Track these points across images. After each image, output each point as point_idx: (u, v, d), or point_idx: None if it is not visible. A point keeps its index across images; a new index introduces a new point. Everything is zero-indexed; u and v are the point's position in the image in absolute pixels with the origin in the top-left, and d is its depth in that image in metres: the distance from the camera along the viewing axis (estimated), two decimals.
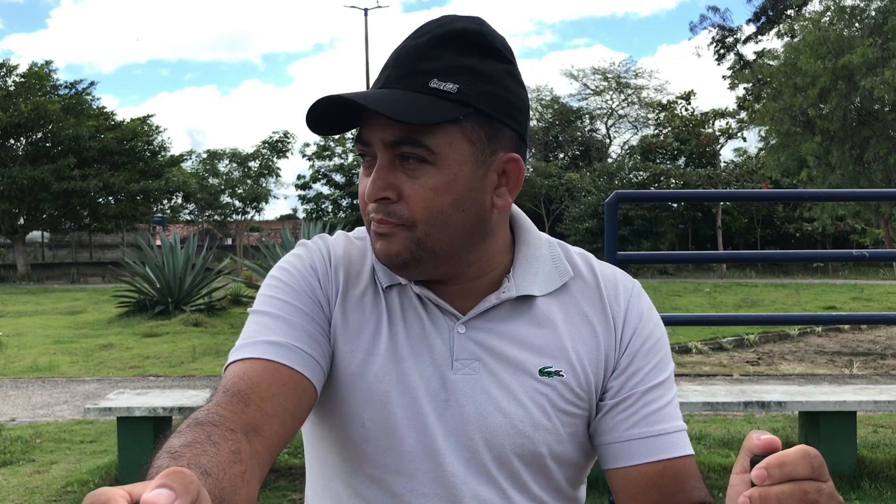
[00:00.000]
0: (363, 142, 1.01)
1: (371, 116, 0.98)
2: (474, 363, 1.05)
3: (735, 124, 32.40)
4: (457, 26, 1.00)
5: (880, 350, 11.42)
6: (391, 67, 1.00)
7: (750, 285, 22.54)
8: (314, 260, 1.10)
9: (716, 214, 32.70)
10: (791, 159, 12.14)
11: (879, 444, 5.83)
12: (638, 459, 1.04)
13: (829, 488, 0.69)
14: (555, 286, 1.10)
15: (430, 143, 0.97)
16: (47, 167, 28.08)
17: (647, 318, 1.11)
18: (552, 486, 1.09)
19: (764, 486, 0.68)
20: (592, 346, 1.08)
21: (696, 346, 11.31)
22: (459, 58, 0.98)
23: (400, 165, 0.99)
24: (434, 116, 0.95)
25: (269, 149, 35.40)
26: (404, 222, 0.99)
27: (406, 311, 1.07)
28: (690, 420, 6.65)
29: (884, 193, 6.67)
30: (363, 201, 1.03)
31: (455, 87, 0.97)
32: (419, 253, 1.01)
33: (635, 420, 1.05)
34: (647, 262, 5.82)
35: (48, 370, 9.80)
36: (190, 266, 15.39)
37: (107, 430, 6.50)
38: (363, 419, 1.04)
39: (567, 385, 1.06)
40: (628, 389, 1.07)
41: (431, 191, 0.98)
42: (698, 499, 1.03)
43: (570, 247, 1.17)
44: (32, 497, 4.94)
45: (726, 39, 34.81)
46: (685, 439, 1.06)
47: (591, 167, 36.35)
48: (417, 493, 1.04)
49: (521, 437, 1.04)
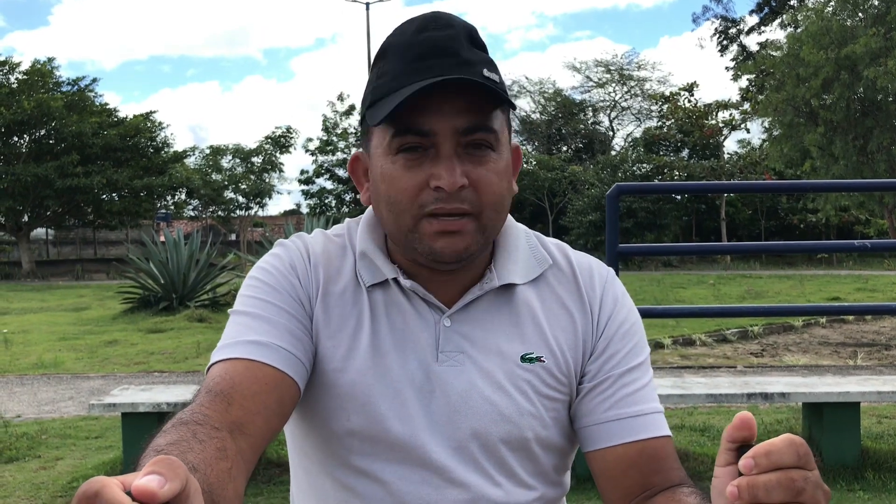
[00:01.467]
0: (419, 132, 0.99)
1: (435, 105, 0.97)
2: (459, 355, 1.07)
3: (738, 116, 32.35)
4: (464, 23, 1.03)
5: (885, 341, 11.40)
6: (433, 57, 0.98)
7: (754, 277, 22.52)
8: (293, 259, 1.11)
9: (720, 206, 32.65)
10: (794, 150, 12.12)
11: (883, 435, 5.83)
12: (616, 440, 1.06)
13: (815, 476, 0.69)
14: (534, 275, 1.13)
15: (497, 128, 1.01)
16: (51, 164, 28.16)
17: (621, 303, 1.14)
18: (539, 472, 1.11)
19: (751, 475, 0.68)
20: (570, 332, 1.11)
21: (700, 338, 11.31)
22: (481, 52, 1.02)
23: (463, 153, 0.99)
24: (509, 100, 1.01)
25: (271, 144, 35.43)
26: (473, 210, 1.00)
27: (389, 307, 1.08)
28: (694, 412, 6.65)
29: (887, 184, 6.67)
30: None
31: (497, 77, 1.01)
32: (481, 242, 1.03)
33: (613, 402, 1.08)
34: (648, 255, 5.80)
35: (53, 367, 9.84)
36: (194, 262, 15.43)
37: (112, 426, 6.52)
38: (348, 413, 1.06)
39: (548, 370, 1.08)
40: (605, 372, 1.09)
41: (496, 175, 1.01)
42: (677, 479, 1.04)
43: (544, 237, 1.20)
44: (38, 493, 4.97)
45: (729, 30, 34.72)
46: (662, 420, 1.08)
47: (594, 160, 36.31)
48: (406, 480, 1.06)
49: (508, 424, 1.06)
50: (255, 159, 35.16)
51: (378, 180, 1.04)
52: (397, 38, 1.03)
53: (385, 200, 1.03)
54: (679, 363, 9.63)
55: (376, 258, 1.10)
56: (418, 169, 0.99)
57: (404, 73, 0.98)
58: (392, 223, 1.04)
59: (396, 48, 1.02)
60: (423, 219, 1.00)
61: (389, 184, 1.01)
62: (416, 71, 0.98)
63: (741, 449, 0.71)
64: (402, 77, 0.98)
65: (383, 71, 1.02)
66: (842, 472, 5.01)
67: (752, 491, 0.68)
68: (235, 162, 35.03)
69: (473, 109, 0.98)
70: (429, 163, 0.99)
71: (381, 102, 1.01)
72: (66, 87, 30.90)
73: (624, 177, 32.02)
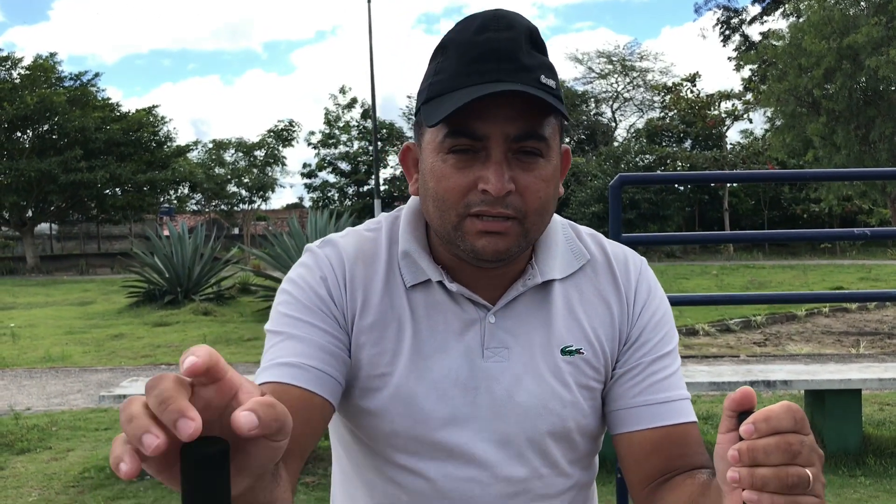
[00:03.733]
0: (472, 136, 1.00)
1: (489, 110, 0.98)
2: (504, 350, 1.10)
3: (741, 106, 32.30)
4: (526, 23, 1.03)
5: (888, 329, 11.44)
6: (492, 61, 0.99)
7: (757, 267, 22.54)
8: (324, 270, 1.11)
9: (722, 197, 32.63)
10: (797, 140, 12.12)
11: (885, 422, 5.88)
12: (643, 424, 1.10)
13: (810, 441, 0.74)
14: (572, 269, 1.16)
15: (548, 136, 1.02)
16: (54, 159, 28.22)
17: (654, 293, 1.18)
18: (577, 459, 1.16)
19: (752, 439, 0.73)
20: (608, 322, 1.14)
21: (703, 328, 11.35)
22: (541, 56, 1.03)
23: (513, 158, 1.01)
24: (565, 110, 1.01)
25: (274, 138, 35.44)
26: (517, 215, 1.01)
27: (430, 308, 1.11)
28: (697, 400, 6.70)
29: (889, 172, 6.69)
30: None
31: (554, 83, 1.02)
32: (524, 245, 1.05)
33: (642, 388, 1.12)
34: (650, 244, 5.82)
35: (61, 360, 9.91)
36: (198, 256, 15.49)
37: None
38: (392, 416, 1.09)
39: (587, 361, 1.12)
40: (636, 360, 1.13)
41: (543, 182, 1.03)
42: (699, 463, 1.08)
43: (579, 227, 1.22)
44: (51, 483, 5.04)
45: (731, 20, 34.64)
46: (688, 407, 1.12)
47: (597, 151, 36.27)
48: (451, 477, 1.09)
49: (552, 416, 1.10)
50: (257, 153, 35.18)
51: (427, 176, 1.05)
52: (458, 35, 1.03)
53: (433, 196, 1.04)
54: (682, 353, 9.67)
55: (420, 259, 1.11)
56: (468, 170, 1.01)
57: (462, 74, 1.00)
58: (437, 218, 1.05)
59: (456, 46, 1.02)
60: (468, 218, 1.02)
61: (438, 181, 1.03)
62: (473, 73, 0.99)
63: (741, 416, 0.76)
64: (460, 78, 1.00)
65: (441, 68, 1.03)
66: (843, 459, 5.06)
67: (751, 454, 0.73)
68: (238, 156, 35.06)
69: (526, 116, 0.99)
70: (479, 165, 1.00)
71: (436, 101, 1.02)
72: (68, 83, 30.96)
73: (627, 168, 32.00)
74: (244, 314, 13.80)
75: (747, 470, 0.74)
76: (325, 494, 4.60)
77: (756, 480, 0.73)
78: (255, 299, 14.78)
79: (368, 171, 37.71)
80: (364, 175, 38.78)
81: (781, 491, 0.73)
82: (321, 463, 5.05)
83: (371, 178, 36.90)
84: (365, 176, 38.65)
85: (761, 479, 0.73)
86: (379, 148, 32.20)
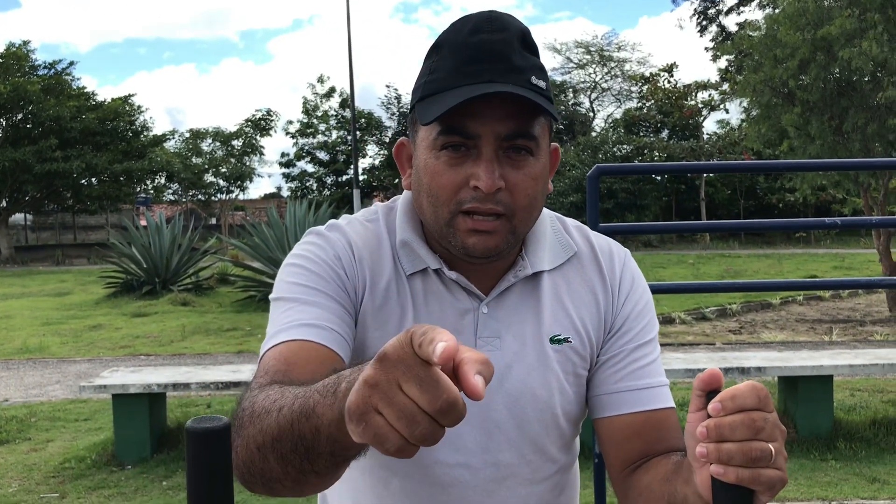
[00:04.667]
0: (464, 134, 1.04)
1: (481, 109, 1.02)
2: (496, 340, 1.15)
3: (717, 96, 32.52)
4: (519, 25, 1.07)
5: (859, 317, 11.63)
6: (484, 62, 1.03)
7: (733, 256, 22.78)
8: (337, 251, 1.14)
9: (699, 186, 32.88)
10: (772, 130, 12.23)
11: (856, 407, 6.00)
12: (624, 409, 1.15)
13: (774, 418, 0.80)
14: (560, 261, 1.21)
15: (537, 135, 1.07)
16: (28, 149, 27.87)
17: (637, 283, 1.24)
18: (562, 444, 1.21)
19: (718, 417, 0.79)
20: (594, 312, 1.20)
21: (679, 316, 11.49)
22: (533, 57, 1.07)
23: (504, 156, 1.05)
24: (555, 111, 1.06)
25: (251, 127, 35.21)
26: (507, 211, 1.06)
27: (428, 296, 1.15)
28: (673, 388, 6.79)
29: (862, 163, 6.79)
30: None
31: (545, 84, 1.07)
32: (512, 241, 1.10)
33: (624, 374, 1.17)
34: (628, 234, 5.90)
35: (39, 351, 9.86)
36: (176, 246, 15.41)
37: (100, 409, 6.58)
38: None
39: (575, 350, 1.18)
40: (619, 347, 1.19)
41: (532, 179, 1.07)
42: (676, 447, 1.13)
43: (566, 220, 1.27)
44: (31, 473, 5.03)
45: (708, 11, 34.74)
46: (668, 393, 1.18)
47: (575, 141, 36.37)
48: (440, 462, 1.13)
49: (541, 403, 1.15)
50: (235, 142, 34.93)
51: (421, 172, 1.09)
52: (452, 35, 1.07)
53: (426, 192, 1.08)
54: (659, 340, 9.77)
55: (419, 248, 1.15)
56: (460, 167, 1.05)
57: (456, 74, 1.04)
58: (430, 214, 1.09)
59: (451, 46, 1.06)
60: (459, 215, 1.06)
61: (432, 177, 1.07)
62: (467, 74, 1.03)
63: (709, 395, 0.81)
64: (454, 77, 1.04)
65: (436, 67, 1.07)
66: (815, 443, 5.18)
67: (718, 431, 0.78)
68: (215, 145, 34.79)
69: (517, 116, 1.04)
70: (470, 162, 1.05)
71: (430, 99, 1.06)
72: (42, 71, 30.52)
73: (604, 158, 32.13)
74: (223, 304, 13.77)
75: (714, 445, 0.79)
76: None
77: (722, 455, 0.78)
78: (233, 289, 14.74)
79: (347, 160, 37.55)
80: (343, 165, 38.63)
81: (746, 464, 0.78)
82: None
83: (350, 168, 36.77)
84: (344, 166, 38.50)
85: (727, 454, 0.78)
86: (358, 137, 32.09)
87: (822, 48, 10.65)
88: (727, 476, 0.78)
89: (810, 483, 4.59)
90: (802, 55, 10.68)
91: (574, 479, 1.28)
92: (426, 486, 1.14)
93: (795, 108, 11.04)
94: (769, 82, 11.35)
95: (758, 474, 0.78)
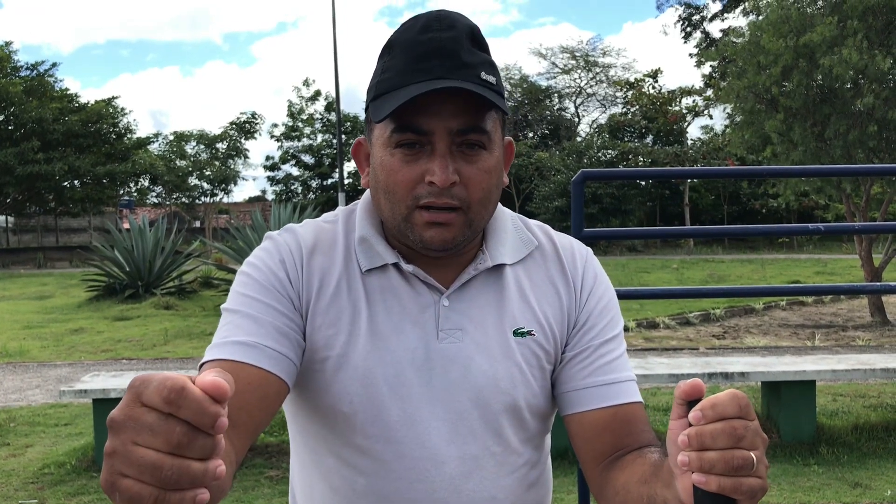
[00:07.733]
0: (417, 131, 1.06)
1: (433, 106, 1.05)
2: (458, 332, 1.15)
3: (701, 102, 32.75)
4: (467, 22, 1.09)
5: (842, 322, 11.71)
6: (434, 59, 1.05)
7: (717, 261, 22.91)
8: (282, 253, 1.16)
9: (683, 192, 33.07)
10: (755, 137, 12.30)
11: (838, 412, 6.03)
12: (593, 405, 1.16)
13: (755, 426, 0.79)
14: (521, 255, 1.22)
15: (489, 129, 1.08)
16: (10, 150, 27.63)
17: (599, 280, 1.25)
18: (528, 438, 1.20)
19: (700, 425, 0.78)
20: (557, 307, 1.20)
21: (663, 321, 11.52)
22: (482, 53, 1.09)
23: (457, 151, 1.07)
24: (505, 105, 1.08)
25: (236, 130, 35.10)
26: (462, 205, 1.08)
27: (385, 291, 1.15)
28: (657, 392, 6.82)
29: (844, 169, 6.85)
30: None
31: (495, 79, 1.09)
32: (468, 234, 1.11)
33: (591, 370, 1.18)
34: (613, 239, 5.94)
35: (19, 355, 9.75)
36: (159, 249, 15.32)
37: (81, 413, 6.52)
38: (350, 396, 1.12)
39: (538, 343, 1.18)
40: (585, 343, 1.19)
41: (486, 173, 1.09)
42: (647, 441, 1.14)
43: (527, 219, 1.29)
44: (10, 479, 4.97)
45: (692, 17, 34.99)
46: (635, 388, 1.19)
47: (560, 146, 36.50)
48: (405, 457, 1.13)
49: (504, 395, 1.15)
50: (219, 145, 34.82)
51: (378, 169, 1.11)
52: (403, 34, 1.09)
53: (383, 189, 1.10)
54: (643, 346, 9.82)
55: (377, 244, 1.16)
56: (415, 164, 1.07)
57: (407, 72, 1.06)
58: (388, 210, 1.11)
59: (402, 45, 1.08)
60: (416, 210, 1.08)
61: (388, 174, 1.09)
62: (418, 71, 1.05)
63: (690, 404, 0.80)
64: (405, 75, 1.06)
65: (388, 66, 1.09)
66: (798, 448, 5.20)
67: (700, 439, 0.78)
68: (200, 148, 34.66)
69: (467, 112, 1.06)
70: (425, 158, 1.07)
71: (384, 98, 1.07)
72: (24, 72, 30.29)
73: (589, 163, 32.27)
74: (206, 308, 13.69)
75: (696, 454, 0.78)
76: (288, 488, 4.61)
77: (704, 463, 0.78)
78: (217, 293, 14.65)
79: (332, 164, 37.50)
80: (328, 168, 38.58)
81: (727, 472, 0.77)
82: (285, 457, 5.05)
83: (335, 171, 36.72)
84: (329, 169, 38.45)
85: (709, 462, 0.77)
86: (343, 141, 32.03)
87: (804, 55, 10.73)
88: (709, 485, 0.78)
89: (793, 488, 4.60)
90: (785, 62, 10.76)
91: (545, 477, 1.28)
92: (392, 482, 1.14)
93: (778, 114, 11.11)
94: (752, 89, 11.42)
95: (739, 483, 0.77)
